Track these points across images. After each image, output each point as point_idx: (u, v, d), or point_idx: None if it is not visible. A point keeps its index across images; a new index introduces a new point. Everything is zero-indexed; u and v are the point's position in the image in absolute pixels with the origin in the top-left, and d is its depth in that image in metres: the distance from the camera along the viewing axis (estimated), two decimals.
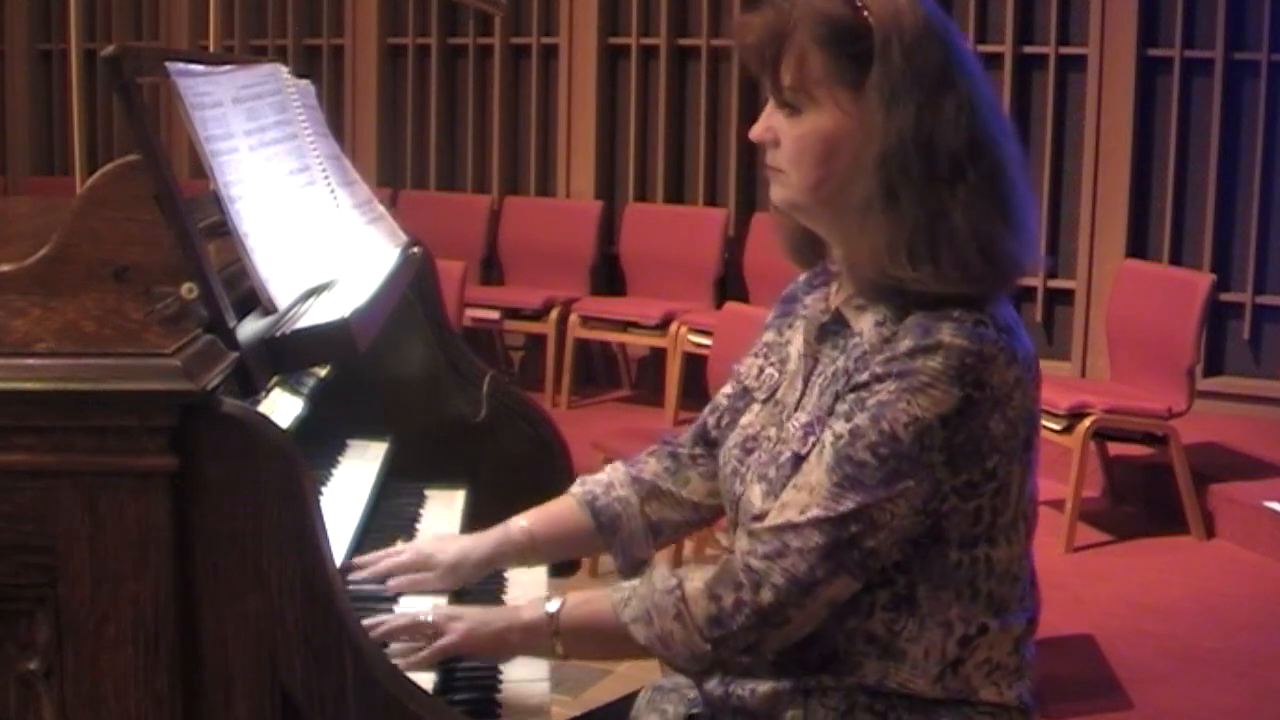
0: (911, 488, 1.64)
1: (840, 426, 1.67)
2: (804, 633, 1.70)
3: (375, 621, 1.78)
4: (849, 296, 1.78)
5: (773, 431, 1.80)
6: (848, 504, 1.64)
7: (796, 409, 1.78)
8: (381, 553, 2.00)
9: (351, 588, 1.86)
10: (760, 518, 1.71)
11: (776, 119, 1.74)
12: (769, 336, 1.92)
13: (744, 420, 1.87)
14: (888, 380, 1.65)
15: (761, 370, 1.89)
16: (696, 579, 1.70)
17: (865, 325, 1.73)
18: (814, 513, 1.65)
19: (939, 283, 1.66)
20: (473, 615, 1.81)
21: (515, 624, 1.78)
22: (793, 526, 1.66)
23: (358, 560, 1.99)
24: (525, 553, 2.02)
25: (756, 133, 1.76)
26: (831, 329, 1.80)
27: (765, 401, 1.85)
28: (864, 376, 1.68)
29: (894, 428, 1.63)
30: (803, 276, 1.92)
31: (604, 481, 2.02)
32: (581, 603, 1.78)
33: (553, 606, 1.77)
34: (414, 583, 1.94)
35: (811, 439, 1.72)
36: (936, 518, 1.67)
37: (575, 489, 2.03)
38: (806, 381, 1.79)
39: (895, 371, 1.65)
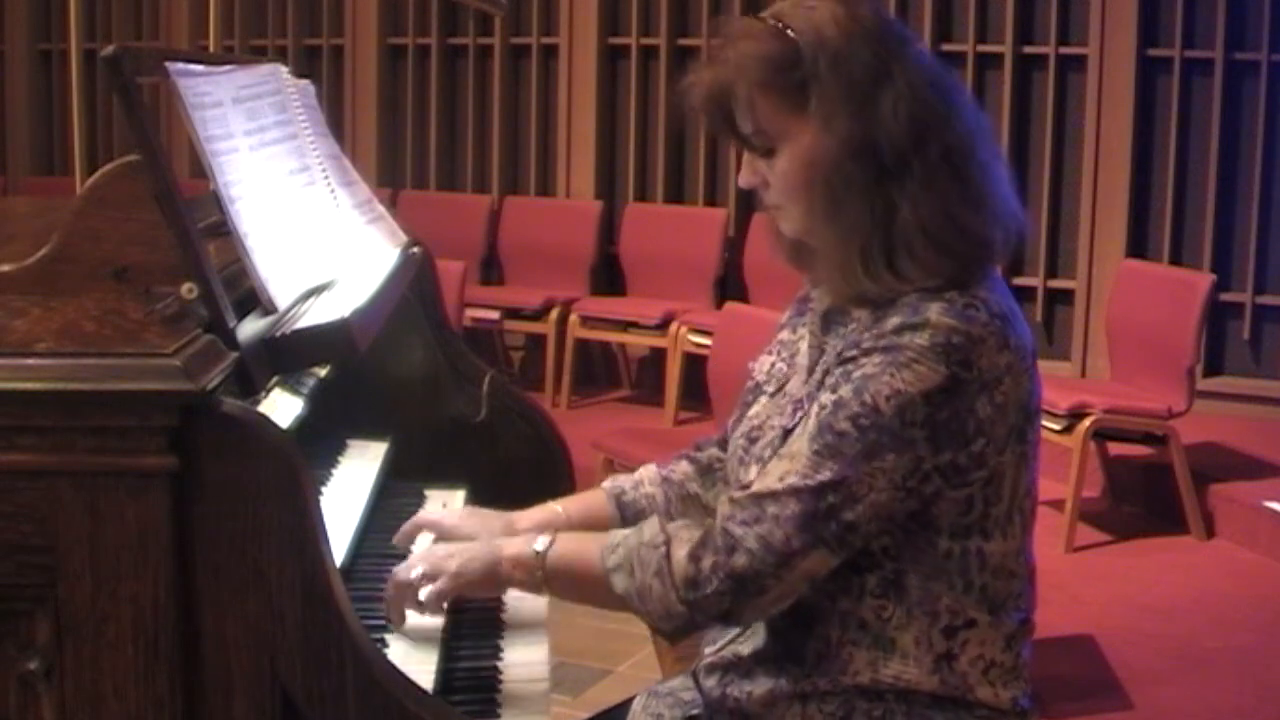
0: (891, 461, 1.64)
1: (825, 397, 1.68)
2: (780, 606, 1.70)
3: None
4: None
5: (776, 421, 1.81)
6: (825, 473, 1.64)
7: None
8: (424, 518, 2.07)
9: (353, 589, 1.86)
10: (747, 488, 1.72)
11: (757, 163, 1.76)
12: (784, 335, 1.93)
13: (751, 412, 1.88)
14: (874, 354, 1.66)
15: (773, 365, 1.90)
16: (684, 539, 1.71)
17: (863, 311, 1.74)
18: (791, 480, 1.66)
19: (901, 284, 1.67)
20: (461, 551, 1.85)
21: (504, 557, 1.82)
22: (770, 493, 1.67)
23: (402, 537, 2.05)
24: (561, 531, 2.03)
25: (745, 181, 1.79)
26: (835, 318, 1.81)
27: (773, 395, 1.87)
28: (852, 351, 1.68)
29: (876, 400, 1.64)
30: None
31: (634, 479, 2.05)
32: (570, 542, 1.82)
33: (541, 545, 1.80)
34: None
35: (799, 414, 1.73)
36: (921, 500, 1.67)
37: (606, 484, 2.05)
38: (811, 372, 1.80)
39: (882, 346, 1.65)
